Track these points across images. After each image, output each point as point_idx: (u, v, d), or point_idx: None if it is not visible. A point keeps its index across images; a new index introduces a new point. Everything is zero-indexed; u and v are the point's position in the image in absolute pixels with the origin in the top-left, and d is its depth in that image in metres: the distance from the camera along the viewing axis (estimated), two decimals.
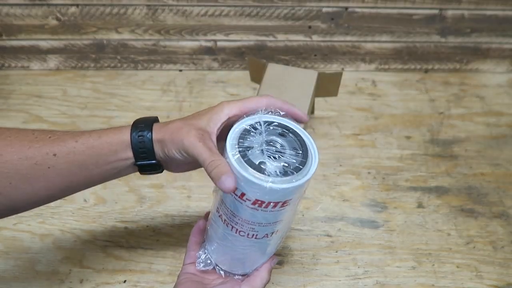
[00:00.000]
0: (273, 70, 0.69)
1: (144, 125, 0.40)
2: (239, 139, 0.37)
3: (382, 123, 0.79)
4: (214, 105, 0.41)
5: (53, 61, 0.88)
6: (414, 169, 0.70)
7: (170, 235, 0.61)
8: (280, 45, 0.87)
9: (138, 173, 0.43)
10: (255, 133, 0.38)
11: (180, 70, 0.90)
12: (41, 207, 0.63)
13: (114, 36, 0.85)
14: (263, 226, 0.38)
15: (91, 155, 0.39)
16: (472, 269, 0.58)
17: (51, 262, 0.57)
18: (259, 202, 0.36)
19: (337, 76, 0.71)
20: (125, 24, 0.83)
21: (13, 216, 0.61)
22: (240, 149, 0.36)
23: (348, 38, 0.86)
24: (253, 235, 0.39)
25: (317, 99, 0.80)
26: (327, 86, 0.72)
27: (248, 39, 0.86)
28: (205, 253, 0.45)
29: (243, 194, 0.36)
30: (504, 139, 0.76)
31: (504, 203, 0.66)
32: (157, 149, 0.40)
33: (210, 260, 0.45)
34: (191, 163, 0.41)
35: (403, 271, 0.57)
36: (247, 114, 0.40)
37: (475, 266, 0.58)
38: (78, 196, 0.65)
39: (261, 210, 0.36)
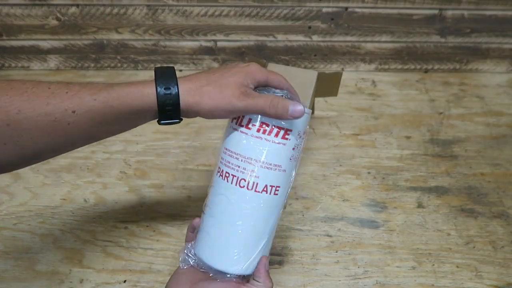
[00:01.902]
0: (273, 70, 0.68)
1: (169, 84, 0.39)
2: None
3: (382, 123, 0.79)
4: (243, 64, 0.43)
5: (53, 61, 0.88)
6: (414, 169, 0.70)
7: (170, 235, 0.61)
8: (280, 45, 0.87)
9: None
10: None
11: (180, 70, 0.90)
12: (41, 207, 0.64)
13: (114, 36, 0.85)
14: (264, 167, 0.41)
15: (111, 113, 0.39)
16: (472, 269, 0.58)
17: (51, 262, 0.57)
18: (264, 126, 0.41)
19: (337, 76, 0.71)
20: (125, 24, 0.83)
21: (13, 216, 0.62)
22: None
23: (348, 38, 0.86)
24: (254, 183, 0.41)
25: (317, 99, 0.80)
26: (327, 86, 0.72)
27: (248, 39, 0.86)
28: (186, 251, 0.45)
29: (249, 120, 0.41)
30: (504, 139, 0.76)
31: (504, 203, 0.66)
32: (186, 109, 0.40)
33: (192, 258, 0.44)
34: (229, 116, 0.43)
35: (403, 271, 0.57)
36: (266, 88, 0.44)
37: (475, 266, 0.58)
38: (78, 196, 0.65)
39: (264, 139, 0.41)
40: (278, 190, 0.43)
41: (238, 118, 0.42)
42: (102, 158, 0.71)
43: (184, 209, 0.64)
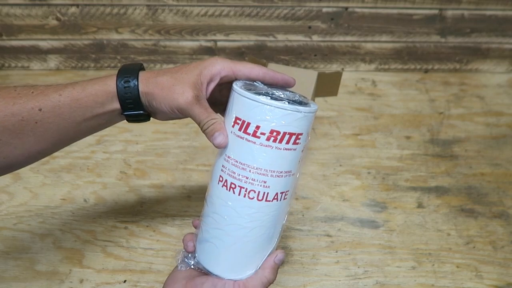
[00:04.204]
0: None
1: (129, 74, 0.40)
2: (244, 87, 0.39)
3: (382, 123, 0.79)
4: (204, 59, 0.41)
5: (53, 61, 0.88)
6: (414, 169, 0.70)
7: (170, 235, 0.61)
8: (280, 45, 0.87)
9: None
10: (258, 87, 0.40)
11: None
12: (41, 207, 0.64)
13: (114, 36, 0.85)
14: (275, 176, 0.38)
15: (77, 107, 0.39)
16: (472, 269, 0.58)
17: (51, 262, 0.57)
18: (275, 133, 0.37)
19: (337, 76, 0.71)
20: (125, 24, 0.83)
21: (13, 216, 0.62)
22: (249, 89, 0.38)
23: (348, 38, 0.86)
24: (264, 193, 0.39)
25: (317, 99, 0.80)
26: (327, 86, 0.72)
27: (248, 39, 0.86)
28: (185, 257, 0.44)
29: (257, 128, 0.37)
30: (504, 139, 0.76)
31: (504, 203, 0.66)
32: (144, 100, 0.40)
33: (190, 262, 0.43)
34: (178, 115, 0.42)
35: (403, 271, 0.57)
36: (239, 79, 0.41)
37: (475, 266, 0.58)
38: (78, 196, 0.65)
39: (275, 147, 0.37)
40: (287, 195, 0.41)
41: (242, 124, 0.38)
42: (102, 158, 0.71)
43: (184, 209, 0.64)
